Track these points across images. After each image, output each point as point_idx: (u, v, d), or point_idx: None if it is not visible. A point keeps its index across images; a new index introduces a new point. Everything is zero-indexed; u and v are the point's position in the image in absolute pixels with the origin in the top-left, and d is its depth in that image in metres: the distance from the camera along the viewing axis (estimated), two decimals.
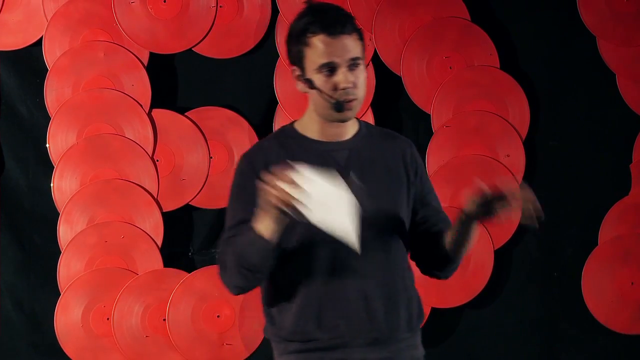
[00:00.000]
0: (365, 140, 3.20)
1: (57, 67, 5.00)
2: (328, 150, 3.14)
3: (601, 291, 5.13)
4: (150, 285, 4.98)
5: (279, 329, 3.15)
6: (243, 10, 5.08)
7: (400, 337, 3.14)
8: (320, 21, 3.07)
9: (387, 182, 3.16)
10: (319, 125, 3.16)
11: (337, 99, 3.07)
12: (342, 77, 3.06)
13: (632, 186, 5.15)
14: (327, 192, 2.92)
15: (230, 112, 5.09)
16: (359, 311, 3.09)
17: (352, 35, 3.08)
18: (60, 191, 4.99)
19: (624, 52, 5.14)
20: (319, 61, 3.06)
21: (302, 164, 2.95)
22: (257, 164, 3.11)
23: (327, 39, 3.06)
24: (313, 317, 3.09)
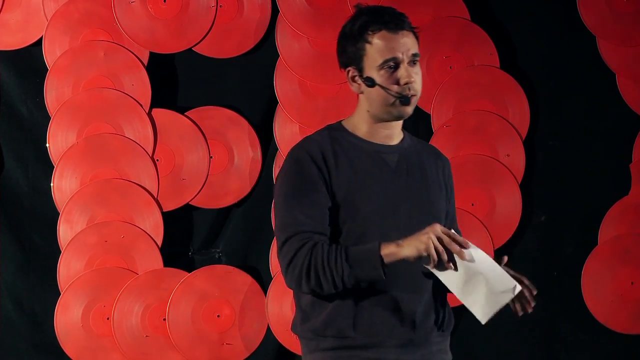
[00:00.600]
0: (412, 148, 3.24)
1: (57, 66, 5.00)
2: (378, 152, 3.16)
3: (601, 291, 5.13)
4: (150, 285, 4.98)
5: (313, 325, 3.13)
6: (243, 10, 5.07)
7: (433, 341, 3.18)
8: (379, 19, 3.11)
9: (433, 191, 3.21)
10: (370, 126, 3.18)
11: (400, 94, 3.10)
12: (405, 72, 3.10)
13: (632, 186, 5.15)
14: (486, 273, 3.03)
15: (230, 111, 5.09)
16: (396, 312, 3.10)
17: (410, 32, 3.14)
18: (60, 191, 4.99)
19: (624, 51, 5.14)
20: (382, 57, 3.09)
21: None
22: (315, 156, 3.11)
23: (388, 34, 3.10)
24: (349, 315, 3.09)
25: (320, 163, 3.10)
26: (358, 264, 3.00)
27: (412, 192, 3.16)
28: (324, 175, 3.09)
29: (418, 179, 3.18)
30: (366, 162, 3.13)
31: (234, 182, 5.07)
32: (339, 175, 3.10)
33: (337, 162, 3.11)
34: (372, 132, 3.18)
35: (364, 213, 3.08)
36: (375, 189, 3.11)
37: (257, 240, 5.08)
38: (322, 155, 3.11)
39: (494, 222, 5.10)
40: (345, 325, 3.09)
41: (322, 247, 3.03)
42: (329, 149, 3.12)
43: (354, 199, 3.09)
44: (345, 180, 3.10)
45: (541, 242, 5.17)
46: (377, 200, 3.10)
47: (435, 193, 3.22)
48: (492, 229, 5.08)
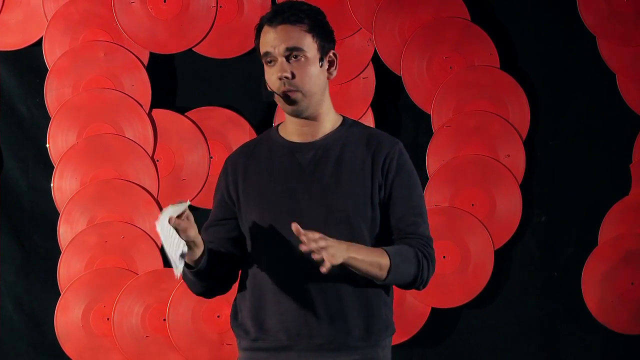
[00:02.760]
0: (337, 141, 3.15)
1: (57, 67, 5.00)
2: (293, 151, 3.14)
3: (601, 291, 5.12)
4: (151, 285, 4.98)
5: (237, 325, 3.19)
6: (243, 10, 5.07)
7: (353, 346, 3.09)
8: (268, 13, 3.12)
9: (344, 186, 3.09)
10: (293, 124, 3.17)
11: (275, 89, 3.09)
12: (278, 67, 3.08)
13: (632, 186, 5.15)
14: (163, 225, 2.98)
15: (230, 112, 5.09)
16: (298, 316, 3.06)
17: (295, 25, 3.07)
18: (61, 191, 4.99)
19: (624, 52, 5.14)
20: (261, 51, 3.11)
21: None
22: (229, 167, 3.21)
23: (267, 28, 3.09)
24: (258, 319, 3.11)
25: (229, 174, 3.20)
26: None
27: (319, 190, 3.08)
28: (228, 186, 3.19)
29: (328, 176, 3.10)
30: (277, 163, 3.14)
31: None
32: (247, 180, 3.15)
33: (250, 168, 3.16)
34: (295, 131, 3.17)
35: (265, 218, 3.08)
36: (277, 189, 3.10)
37: None
38: (235, 166, 3.19)
39: (494, 222, 5.09)
40: (255, 328, 3.11)
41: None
42: (246, 158, 3.19)
43: (256, 201, 3.11)
44: (252, 184, 3.14)
45: (541, 243, 5.17)
46: (277, 201, 3.09)
47: (351, 189, 3.09)
48: (493, 229, 5.08)
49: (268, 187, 3.13)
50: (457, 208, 5.08)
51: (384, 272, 3.03)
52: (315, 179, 3.10)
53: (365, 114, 5.04)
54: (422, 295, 5.03)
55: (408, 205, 3.14)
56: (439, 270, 5.03)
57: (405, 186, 3.14)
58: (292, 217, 3.00)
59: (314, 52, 3.09)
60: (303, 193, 3.09)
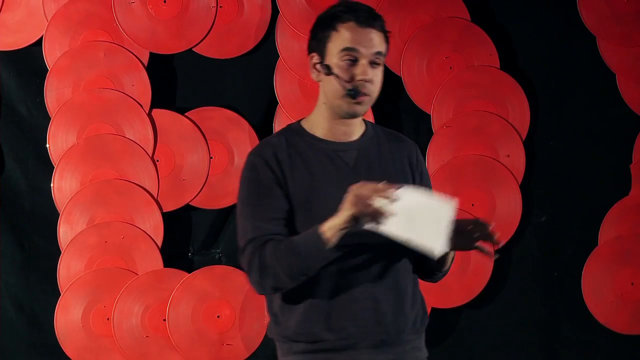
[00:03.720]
0: (373, 141, 3.19)
1: (57, 67, 5.00)
2: (336, 150, 3.13)
3: (601, 291, 5.13)
4: (151, 285, 4.98)
5: (285, 329, 3.12)
6: (243, 10, 5.08)
7: (406, 339, 3.14)
8: (352, 11, 3.08)
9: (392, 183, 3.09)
10: (327, 123, 3.14)
11: (352, 89, 3.06)
12: (362, 69, 3.06)
13: (632, 186, 5.15)
14: (421, 205, 2.91)
15: (230, 112, 5.09)
16: (367, 313, 3.07)
17: (379, 32, 3.09)
18: (61, 191, 4.99)
19: (624, 52, 5.14)
20: (343, 45, 3.06)
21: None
22: (269, 159, 3.09)
23: (356, 27, 3.06)
24: (321, 318, 3.07)
25: (274, 166, 3.08)
26: (304, 249, 2.97)
27: None
28: (278, 179, 3.07)
29: (378, 174, 3.11)
30: (323, 162, 3.10)
31: (234, 182, 5.00)
32: (295, 177, 3.08)
33: (292, 164, 3.09)
34: (329, 130, 3.14)
35: (321, 215, 3.02)
36: (331, 190, 3.07)
37: None
38: (276, 158, 3.09)
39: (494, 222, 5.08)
40: (318, 328, 3.08)
41: (271, 244, 3.02)
42: (284, 151, 3.10)
43: (311, 201, 3.06)
44: (302, 183, 3.07)
45: (541, 243, 5.18)
46: (333, 202, 3.03)
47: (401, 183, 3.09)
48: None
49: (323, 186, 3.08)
50: (457, 208, 5.07)
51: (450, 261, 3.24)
52: (366, 179, 3.07)
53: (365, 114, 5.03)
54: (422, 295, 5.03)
55: None
56: None
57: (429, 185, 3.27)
58: None
59: (384, 60, 3.14)
60: None
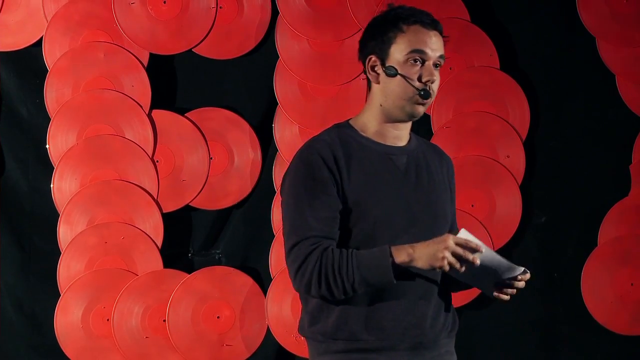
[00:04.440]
0: (420, 149, 3.21)
1: (57, 67, 5.00)
2: (388, 154, 3.13)
3: (601, 292, 5.13)
4: (150, 286, 4.98)
5: (323, 327, 3.11)
6: (243, 11, 5.07)
7: (442, 343, 3.17)
8: (416, 14, 3.10)
9: (440, 193, 3.19)
10: (379, 125, 3.14)
11: (417, 90, 3.07)
12: (429, 71, 3.08)
13: (632, 187, 5.15)
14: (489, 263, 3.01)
15: (230, 113, 5.09)
16: (408, 315, 3.08)
17: (441, 36, 3.13)
18: (60, 192, 4.99)
19: (624, 52, 5.14)
20: (412, 47, 3.07)
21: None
22: (327, 158, 3.06)
23: (423, 29, 3.09)
24: (361, 318, 3.07)
25: (331, 165, 3.05)
26: (368, 270, 2.97)
27: (422, 195, 3.13)
28: (335, 177, 3.05)
29: (426, 181, 3.16)
30: (376, 163, 3.10)
31: (234, 183, 5.07)
32: (351, 177, 3.06)
33: (348, 163, 3.07)
34: (381, 133, 3.14)
35: (375, 216, 3.04)
36: (385, 191, 3.08)
37: (257, 242, 5.08)
38: (334, 156, 3.06)
39: (494, 223, 5.10)
40: (357, 328, 3.07)
41: (332, 253, 3.00)
42: (339, 150, 3.08)
43: (365, 201, 3.05)
44: (357, 182, 3.06)
45: (541, 243, 5.18)
46: (387, 203, 3.07)
47: (442, 195, 3.21)
48: (492, 230, 5.08)
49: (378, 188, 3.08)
50: (457, 209, 5.08)
51: None
52: (417, 183, 3.14)
53: None
54: None
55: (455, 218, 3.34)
56: None
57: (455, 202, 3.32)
58: (405, 219, 3.07)
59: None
60: (410, 195, 3.11)
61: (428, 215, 3.12)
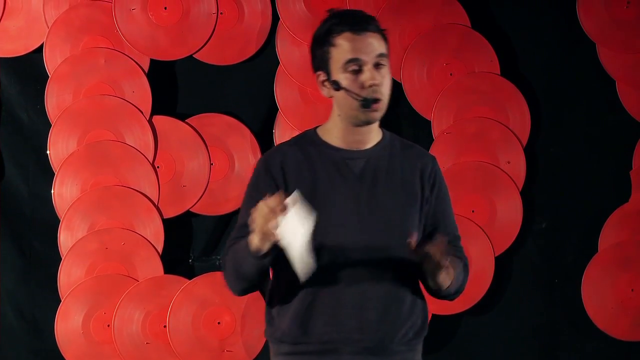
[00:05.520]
0: (385, 150, 3.19)
1: (57, 73, 5.00)
2: (345, 158, 3.14)
3: (601, 298, 5.13)
4: (151, 291, 4.98)
5: (275, 330, 3.16)
6: (244, 17, 5.08)
7: (395, 350, 3.13)
8: (344, 21, 3.09)
9: (399, 195, 3.15)
10: (342, 131, 3.15)
11: (364, 96, 3.06)
12: (369, 75, 3.07)
13: (632, 193, 5.15)
14: (294, 223, 2.92)
15: (231, 118, 5.09)
16: (350, 319, 3.08)
17: (376, 34, 3.10)
18: (61, 198, 4.99)
19: (624, 58, 5.14)
20: (345, 57, 3.06)
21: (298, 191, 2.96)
22: (273, 167, 3.13)
23: (352, 36, 3.07)
24: (305, 321, 3.10)
25: (276, 174, 3.12)
26: (242, 255, 3.04)
27: (376, 199, 3.12)
28: (277, 182, 3.11)
29: (383, 185, 3.14)
30: (330, 169, 3.12)
31: (235, 189, 5.07)
32: (298, 182, 3.10)
33: (298, 172, 3.11)
34: (342, 137, 3.15)
35: (323, 223, 3.03)
36: (335, 198, 3.09)
37: None
38: (281, 166, 3.13)
39: (494, 229, 5.09)
40: (300, 332, 3.10)
41: (231, 248, 3.10)
42: (292, 159, 3.13)
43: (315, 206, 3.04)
44: (304, 187, 3.08)
45: (542, 249, 5.17)
46: (334, 209, 3.08)
47: (404, 198, 3.15)
48: (493, 236, 5.08)
49: (326, 191, 3.11)
50: (457, 214, 5.06)
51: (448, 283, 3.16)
52: (371, 187, 3.13)
53: None
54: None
55: (450, 219, 3.28)
56: None
57: (446, 200, 3.27)
58: (352, 223, 3.07)
59: (388, 60, 3.14)
60: (361, 199, 3.11)
61: (379, 220, 3.10)
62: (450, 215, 3.28)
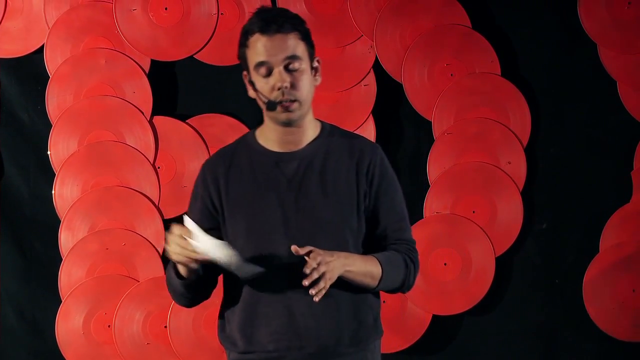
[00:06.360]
0: (321, 149, 3.15)
1: (58, 74, 5.00)
2: (278, 161, 3.13)
3: (602, 298, 5.12)
4: (152, 292, 4.98)
5: (226, 337, 3.19)
6: (244, 17, 5.07)
7: (343, 352, 3.11)
8: (258, 21, 3.05)
9: (331, 196, 3.11)
10: (275, 133, 3.14)
11: (271, 99, 3.05)
12: (277, 77, 3.04)
13: (634, 193, 5.14)
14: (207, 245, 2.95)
15: (232, 119, 5.09)
16: (289, 328, 3.07)
17: (290, 34, 3.05)
18: (62, 198, 4.99)
19: (625, 59, 5.14)
20: (255, 60, 3.05)
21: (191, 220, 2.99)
22: (208, 175, 3.18)
23: (262, 37, 3.03)
24: (248, 331, 3.10)
25: (210, 183, 3.16)
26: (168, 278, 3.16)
27: (305, 202, 3.09)
28: (210, 195, 3.14)
29: (315, 186, 3.11)
30: (261, 174, 3.12)
31: None
32: (231, 192, 3.12)
33: (229, 179, 3.13)
34: (277, 139, 3.15)
35: (247, 227, 3.06)
36: (264, 205, 3.09)
37: None
38: (215, 174, 3.15)
39: (495, 229, 5.09)
40: (244, 341, 3.11)
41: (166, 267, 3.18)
42: (225, 166, 3.15)
43: (243, 214, 3.09)
44: (235, 195, 3.11)
45: (542, 250, 5.17)
46: (261, 213, 3.08)
47: (336, 198, 3.11)
48: (494, 237, 5.07)
49: (254, 199, 3.11)
50: (458, 215, 5.08)
51: (376, 281, 3.10)
52: (301, 190, 3.10)
53: (366, 121, 5.04)
54: (423, 302, 5.03)
55: (394, 211, 3.19)
56: (440, 278, 5.05)
57: (389, 193, 3.18)
58: (280, 229, 3.06)
59: (307, 60, 3.10)
60: (290, 204, 3.09)
61: (308, 221, 3.07)
62: (393, 208, 3.19)
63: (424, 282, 5.01)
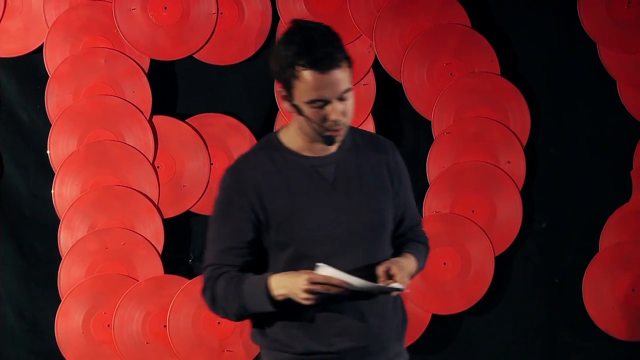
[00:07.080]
0: (351, 152, 3.18)
1: (57, 73, 5.00)
2: (315, 166, 3.12)
3: (602, 298, 5.12)
4: (151, 291, 4.98)
5: (271, 339, 3.16)
6: (244, 17, 5.08)
7: (390, 348, 3.19)
8: (310, 55, 2.98)
9: (375, 194, 3.16)
10: (304, 141, 3.14)
11: (327, 128, 3.04)
12: (334, 111, 3.01)
13: (633, 193, 5.15)
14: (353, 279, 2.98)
15: (231, 118, 5.09)
16: (353, 326, 3.10)
17: (341, 66, 3.02)
18: (61, 198, 4.99)
19: (625, 58, 5.14)
20: (309, 96, 3.00)
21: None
22: (246, 183, 3.10)
23: (317, 75, 2.98)
24: (309, 331, 3.10)
25: (250, 191, 3.08)
26: (250, 299, 3.07)
27: (352, 203, 3.12)
28: (252, 204, 3.08)
29: (356, 187, 3.14)
30: (302, 180, 3.10)
31: None
32: (274, 199, 3.08)
33: (271, 186, 3.09)
34: (307, 146, 3.14)
35: (305, 235, 3.05)
36: (313, 208, 3.09)
37: None
38: (255, 181, 3.09)
39: (494, 229, 5.09)
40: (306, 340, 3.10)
41: (223, 280, 3.10)
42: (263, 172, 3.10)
43: (292, 221, 3.07)
44: (281, 204, 3.08)
45: (542, 249, 5.17)
46: (316, 220, 3.07)
47: (378, 196, 3.16)
48: (493, 236, 5.08)
49: (300, 205, 3.09)
50: (457, 214, 5.08)
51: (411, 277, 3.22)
52: (345, 193, 3.12)
53: (366, 120, 5.04)
54: (423, 301, 5.03)
55: (412, 204, 3.33)
56: (440, 277, 5.05)
57: (408, 187, 3.31)
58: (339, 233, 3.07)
59: (352, 84, 3.08)
60: (336, 207, 3.10)
61: (362, 224, 3.11)
62: (412, 200, 3.33)
63: (423, 282, 5.01)
